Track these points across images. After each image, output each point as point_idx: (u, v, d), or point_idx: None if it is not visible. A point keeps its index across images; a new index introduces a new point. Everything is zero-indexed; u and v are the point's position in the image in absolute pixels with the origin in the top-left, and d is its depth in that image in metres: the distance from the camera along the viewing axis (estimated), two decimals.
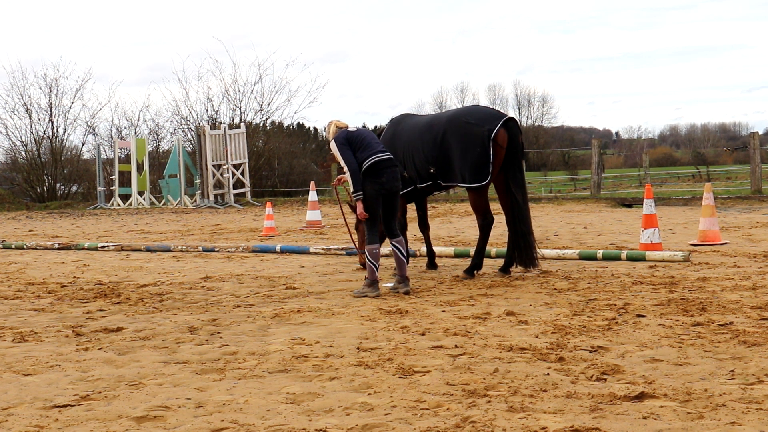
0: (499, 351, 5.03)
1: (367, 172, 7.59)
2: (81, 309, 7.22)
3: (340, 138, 7.69)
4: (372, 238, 7.56)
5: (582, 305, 6.56)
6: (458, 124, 8.41)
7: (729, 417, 3.62)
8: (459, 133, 8.35)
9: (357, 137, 7.72)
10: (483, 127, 8.26)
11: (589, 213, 18.40)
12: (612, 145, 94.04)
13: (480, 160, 8.23)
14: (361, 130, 7.89)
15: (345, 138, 7.69)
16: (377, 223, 7.61)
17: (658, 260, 9.17)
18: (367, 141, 7.73)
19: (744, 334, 5.27)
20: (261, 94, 35.30)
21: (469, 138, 8.28)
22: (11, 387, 4.53)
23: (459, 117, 8.51)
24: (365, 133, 7.85)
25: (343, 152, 7.61)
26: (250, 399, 4.14)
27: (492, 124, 8.26)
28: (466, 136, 8.30)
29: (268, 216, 15.74)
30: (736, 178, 38.47)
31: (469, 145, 8.27)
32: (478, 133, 8.24)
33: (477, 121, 8.34)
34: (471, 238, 12.92)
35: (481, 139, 8.22)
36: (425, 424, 3.66)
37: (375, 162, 7.60)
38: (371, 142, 7.74)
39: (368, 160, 7.59)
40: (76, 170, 35.59)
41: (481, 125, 8.28)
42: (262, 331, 5.95)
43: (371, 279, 7.50)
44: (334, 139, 7.70)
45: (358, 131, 7.82)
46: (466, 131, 8.31)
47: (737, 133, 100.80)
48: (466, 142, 8.29)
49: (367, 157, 7.61)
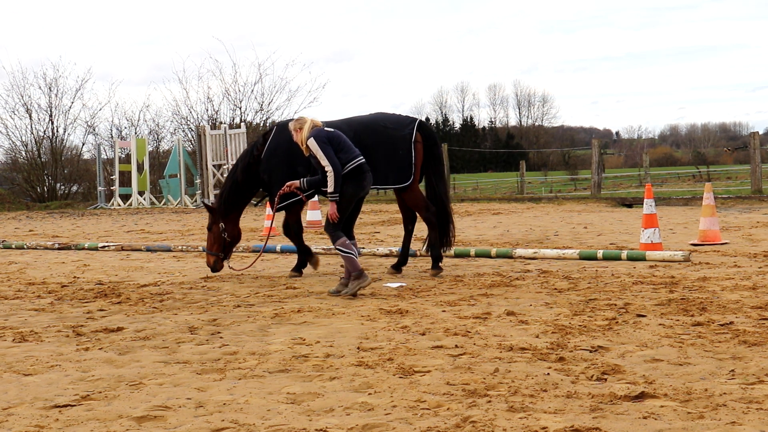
0: (500, 351, 5.03)
1: (351, 174, 7.54)
2: (81, 309, 7.22)
3: (322, 137, 7.55)
4: (338, 233, 7.50)
5: (582, 305, 6.56)
6: (377, 129, 8.88)
7: (729, 417, 3.62)
8: (379, 138, 8.81)
9: (337, 138, 7.64)
10: (402, 131, 8.87)
11: (590, 213, 18.40)
12: (612, 145, 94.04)
13: (404, 162, 8.78)
14: (338, 132, 7.78)
15: (327, 137, 7.57)
16: (342, 223, 7.58)
17: (659, 260, 9.17)
18: (346, 143, 7.67)
19: (744, 333, 5.27)
20: (261, 93, 35.35)
21: (391, 142, 8.81)
22: (11, 387, 4.53)
23: (376, 123, 8.98)
24: (342, 135, 7.76)
25: (326, 151, 7.48)
26: (251, 399, 4.14)
27: (409, 128, 8.90)
28: (388, 140, 8.82)
29: (269, 216, 15.75)
30: (737, 178, 38.48)
31: (392, 148, 8.79)
32: (399, 137, 8.84)
33: (395, 126, 8.93)
34: (471, 238, 12.92)
35: (403, 142, 8.81)
36: (425, 424, 3.66)
37: (360, 165, 7.58)
38: (350, 144, 7.70)
39: (352, 162, 7.55)
40: (76, 170, 35.63)
41: (400, 129, 8.89)
42: (262, 331, 5.95)
43: (355, 270, 7.35)
44: (315, 137, 7.53)
45: (335, 132, 7.72)
46: (388, 136, 8.84)
47: (737, 132, 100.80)
48: (389, 146, 8.79)
49: (351, 159, 7.56)
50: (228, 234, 8.98)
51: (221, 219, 8.98)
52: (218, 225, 8.96)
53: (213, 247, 8.96)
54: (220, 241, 8.96)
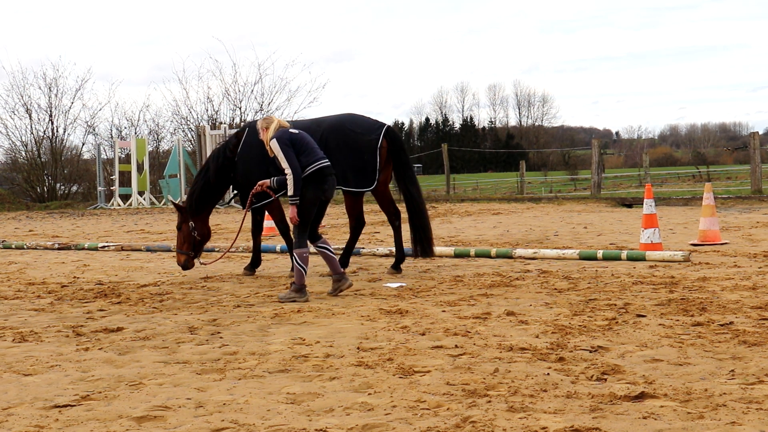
0: (500, 351, 5.03)
1: (311, 177, 7.43)
2: (81, 309, 7.22)
3: (285, 138, 7.46)
4: (302, 242, 7.39)
5: (582, 305, 6.56)
6: (343, 132, 8.87)
7: (729, 417, 3.62)
8: (344, 140, 8.81)
9: (300, 140, 7.52)
10: (369, 137, 8.85)
11: (590, 213, 18.40)
12: (612, 145, 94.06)
13: (368, 167, 8.80)
14: (303, 134, 7.66)
15: (289, 139, 7.48)
16: (308, 228, 7.46)
17: (659, 260, 9.17)
18: (311, 146, 7.56)
19: (744, 334, 5.27)
20: (261, 94, 35.34)
21: (356, 146, 8.81)
22: (11, 387, 4.53)
23: (342, 125, 8.94)
24: (307, 137, 7.64)
25: (287, 153, 7.39)
26: (251, 399, 4.14)
27: (376, 133, 8.88)
28: (354, 143, 8.81)
29: (269, 216, 15.74)
30: (736, 178, 38.47)
31: (356, 152, 8.80)
32: (366, 141, 8.83)
33: (362, 130, 8.90)
34: (471, 238, 12.92)
35: (369, 147, 8.81)
36: (425, 424, 3.66)
37: (321, 168, 7.46)
38: (314, 147, 7.58)
39: (313, 165, 7.43)
40: (76, 170, 35.60)
41: (366, 134, 8.86)
42: (262, 331, 5.95)
43: (299, 284, 7.30)
44: (277, 139, 7.46)
45: (300, 134, 7.61)
46: (353, 139, 8.83)
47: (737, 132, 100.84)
48: (354, 150, 8.80)
49: (312, 162, 7.45)
50: (198, 233, 8.99)
51: (191, 218, 8.98)
52: (188, 224, 8.96)
53: (183, 246, 8.96)
54: (191, 239, 8.97)
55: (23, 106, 34.46)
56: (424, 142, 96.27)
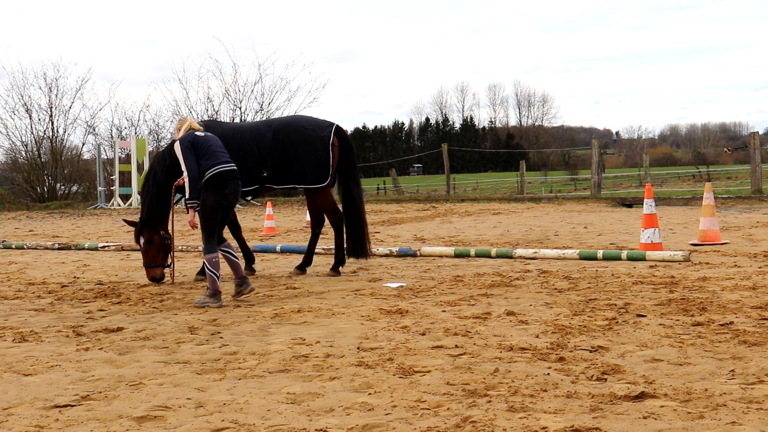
0: (500, 351, 5.03)
1: (210, 181, 7.29)
2: (81, 309, 7.22)
3: (186, 141, 7.39)
4: (211, 247, 7.32)
5: (582, 305, 6.56)
6: (295, 129, 8.98)
7: (729, 417, 3.62)
8: (298, 138, 8.91)
9: (203, 143, 7.42)
10: (320, 133, 8.97)
11: (590, 213, 18.40)
12: (612, 145, 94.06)
13: (322, 163, 8.89)
14: (209, 136, 7.56)
15: (191, 141, 7.39)
16: (215, 233, 7.36)
17: (659, 260, 9.17)
18: (213, 149, 7.43)
19: (744, 333, 5.27)
20: (261, 94, 35.35)
21: (310, 142, 8.90)
22: (11, 387, 4.53)
23: (294, 123, 9.10)
24: (212, 140, 7.53)
25: (186, 156, 7.31)
26: (251, 399, 4.14)
27: (326, 131, 9.02)
28: (307, 140, 8.91)
29: (269, 216, 15.76)
30: (737, 178, 38.47)
31: (310, 149, 8.89)
32: (318, 138, 8.94)
33: (313, 127, 9.03)
34: (471, 238, 12.92)
35: (322, 143, 8.93)
36: (425, 424, 3.66)
37: (220, 172, 7.31)
38: (217, 150, 7.45)
39: (213, 169, 7.30)
40: (76, 170, 35.61)
41: (318, 131, 8.98)
42: (262, 331, 5.95)
43: (213, 289, 7.19)
44: (180, 140, 7.40)
45: (205, 137, 7.51)
46: (306, 136, 8.93)
47: (738, 132, 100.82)
48: (307, 147, 8.89)
49: (212, 166, 7.32)
50: (168, 239, 8.72)
51: (159, 227, 8.72)
52: (159, 234, 8.69)
53: (158, 258, 8.71)
54: (165, 248, 8.75)
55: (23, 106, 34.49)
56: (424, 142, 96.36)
